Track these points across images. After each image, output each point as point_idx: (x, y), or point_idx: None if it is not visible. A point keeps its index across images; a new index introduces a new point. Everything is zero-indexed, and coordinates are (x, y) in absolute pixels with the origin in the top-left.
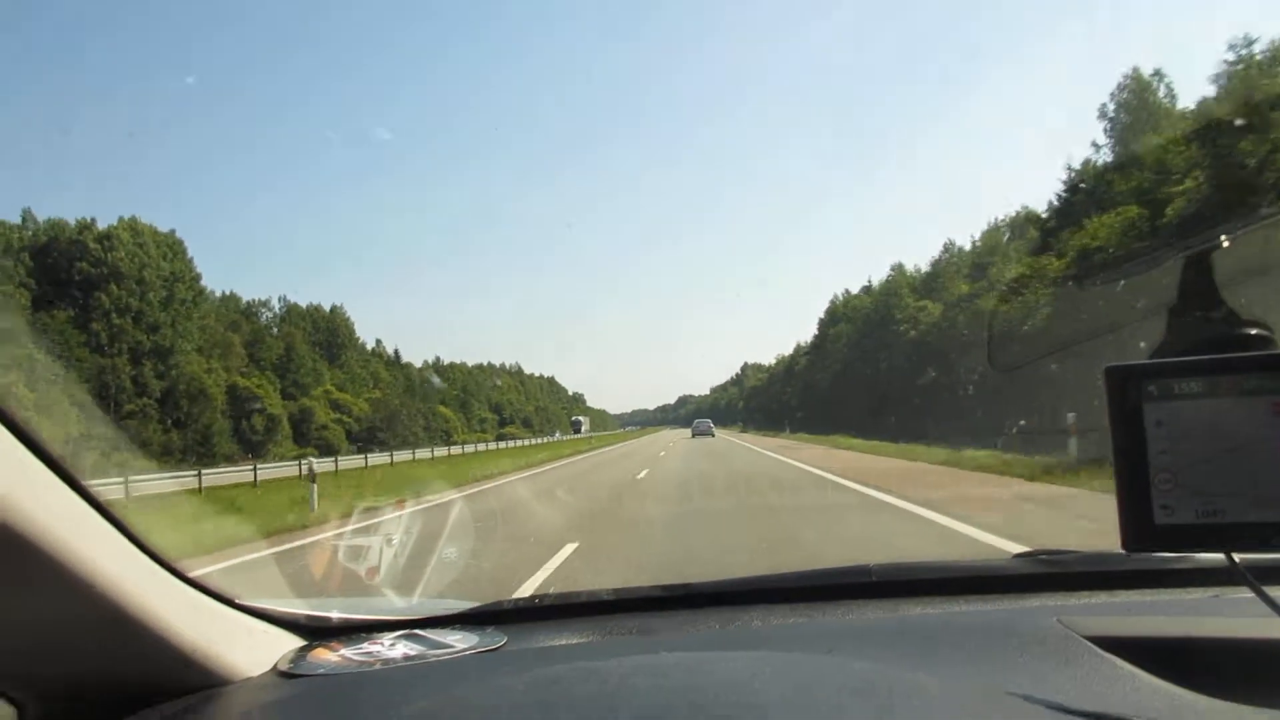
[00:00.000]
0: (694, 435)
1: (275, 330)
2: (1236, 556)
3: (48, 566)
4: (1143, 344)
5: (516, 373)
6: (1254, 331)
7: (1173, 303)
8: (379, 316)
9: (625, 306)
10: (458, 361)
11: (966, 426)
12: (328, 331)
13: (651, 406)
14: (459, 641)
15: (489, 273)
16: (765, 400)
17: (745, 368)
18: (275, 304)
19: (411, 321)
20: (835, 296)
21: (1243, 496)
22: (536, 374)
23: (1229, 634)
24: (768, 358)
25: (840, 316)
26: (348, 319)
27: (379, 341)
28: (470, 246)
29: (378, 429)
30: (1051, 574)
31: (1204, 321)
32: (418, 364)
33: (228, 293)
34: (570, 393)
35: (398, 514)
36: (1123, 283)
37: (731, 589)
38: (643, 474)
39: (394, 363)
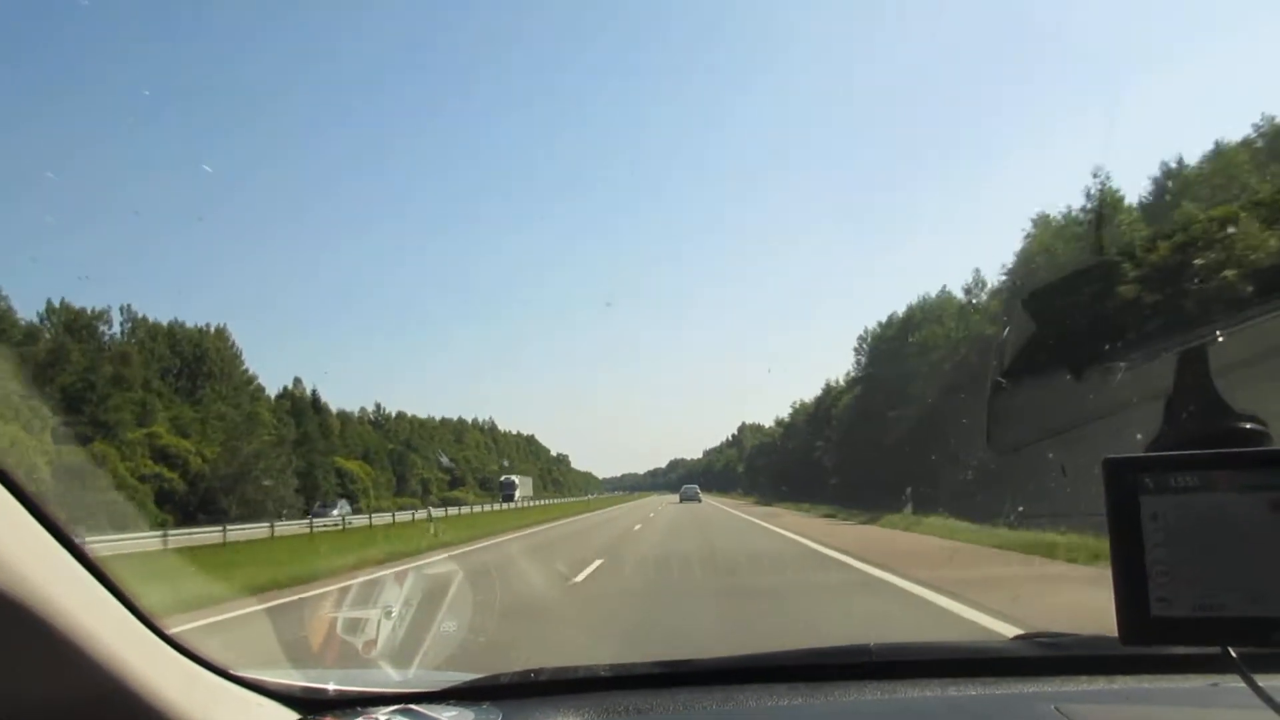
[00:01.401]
0: (681, 500)
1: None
2: (1232, 650)
3: (41, 633)
4: (1139, 435)
5: (489, 429)
6: (1250, 426)
7: (1169, 395)
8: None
9: (615, 367)
10: (412, 414)
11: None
12: (192, 359)
13: (641, 470)
14: (453, 718)
15: (474, 328)
16: (777, 460)
17: (743, 428)
18: (116, 317)
19: (376, 370)
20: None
21: (1240, 591)
22: (514, 431)
23: None
24: (766, 418)
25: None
26: (231, 345)
27: (297, 381)
28: (451, 301)
29: (218, 490)
30: (1050, 658)
31: (1200, 415)
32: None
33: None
34: (553, 453)
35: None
36: (1120, 374)
37: (730, 667)
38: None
39: (299, 406)
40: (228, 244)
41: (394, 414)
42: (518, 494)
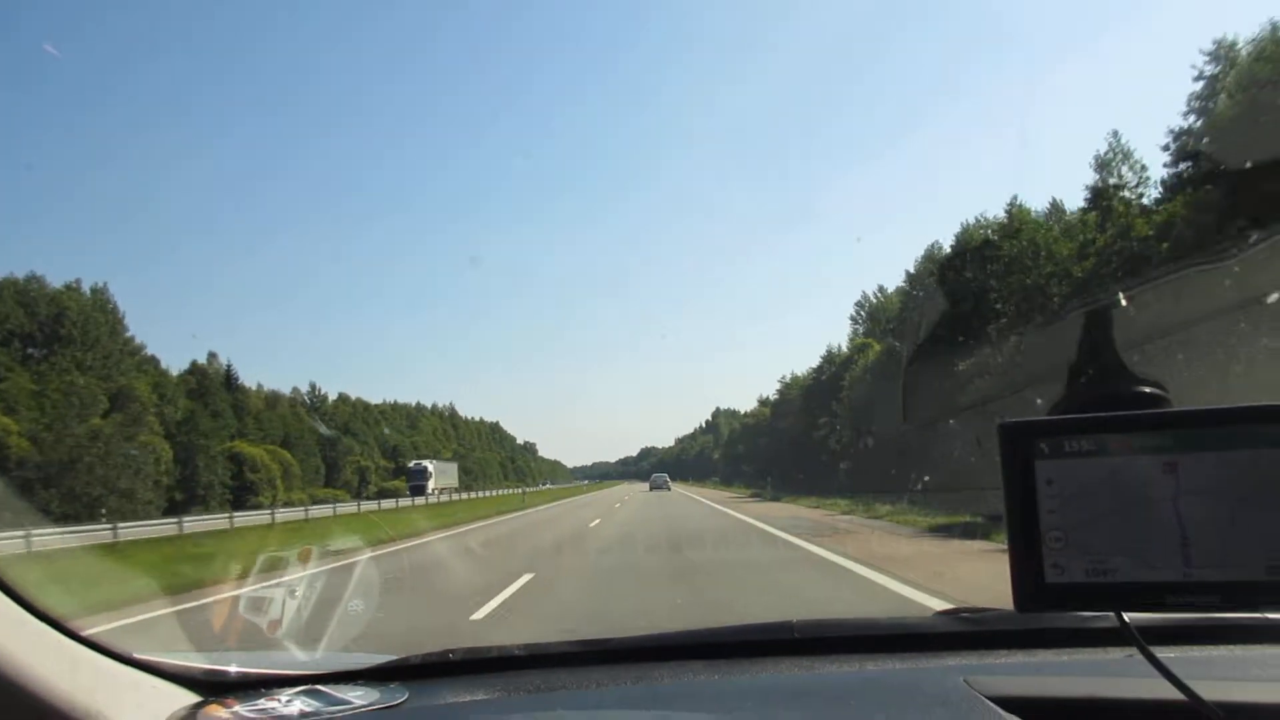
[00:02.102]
0: (651, 489)
1: None
2: (1128, 616)
3: None
4: (1039, 400)
5: (449, 415)
6: (1149, 390)
7: (1071, 361)
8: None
9: (587, 355)
10: (357, 396)
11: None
12: (50, 321)
13: (612, 459)
14: (359, 698)
15: (438, 313)
16: (768, 444)
17: (718, 414)
18: None
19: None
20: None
21: (1133, 556)
22: (476, 418)
23: (1120, 694)
24: (742, 405)
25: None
26: (110, 308)
27: (211, 356)
28: (407, 282)
29: (35, 481)
30: (967, 632)
31: (1099, 379)
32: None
33: None
34: (519, 441)
35: None
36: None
37: (649, 645)
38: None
39: (207, 384)
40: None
41: (333, 396)
42: (431, 484)
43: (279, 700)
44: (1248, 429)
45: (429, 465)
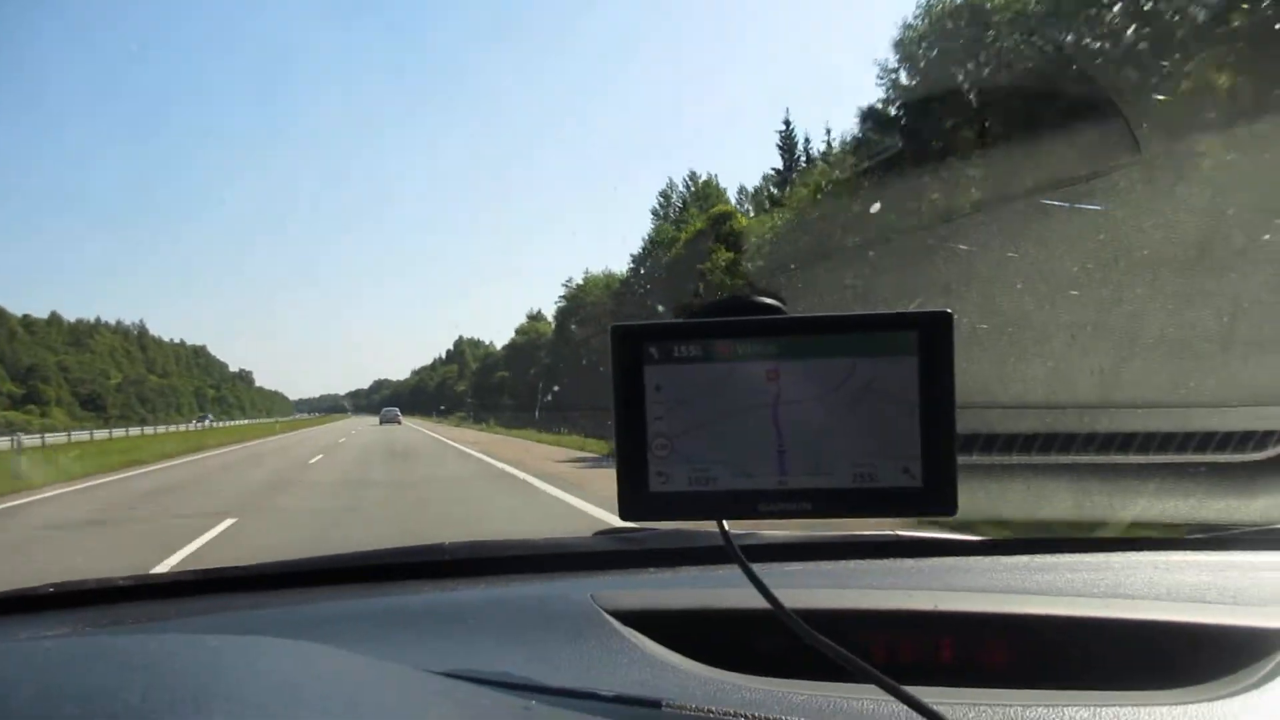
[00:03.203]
0: (381, 423)
1: None
2: (729, 525)
3: None
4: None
5: (138, 335)
6: (765, 300)
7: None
8: None
9: (315, 283)
10: None
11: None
12: None
13: (343, 391)
14: None
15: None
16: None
17: (461, 343)
18: None
19: None
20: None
21: (733, 464)
22: (178, 340)
23: (721, 605)
24: (488, 336)
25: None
26: None
27: None
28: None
29: None
30: (614, 551)
31: (729, 295)
32: None
33: None
34: (233, 369)
35: None
36: None
37: (279, 573)
38: None
39: None
40: None
41: None
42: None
43: None
44: (845, 338)
45: None
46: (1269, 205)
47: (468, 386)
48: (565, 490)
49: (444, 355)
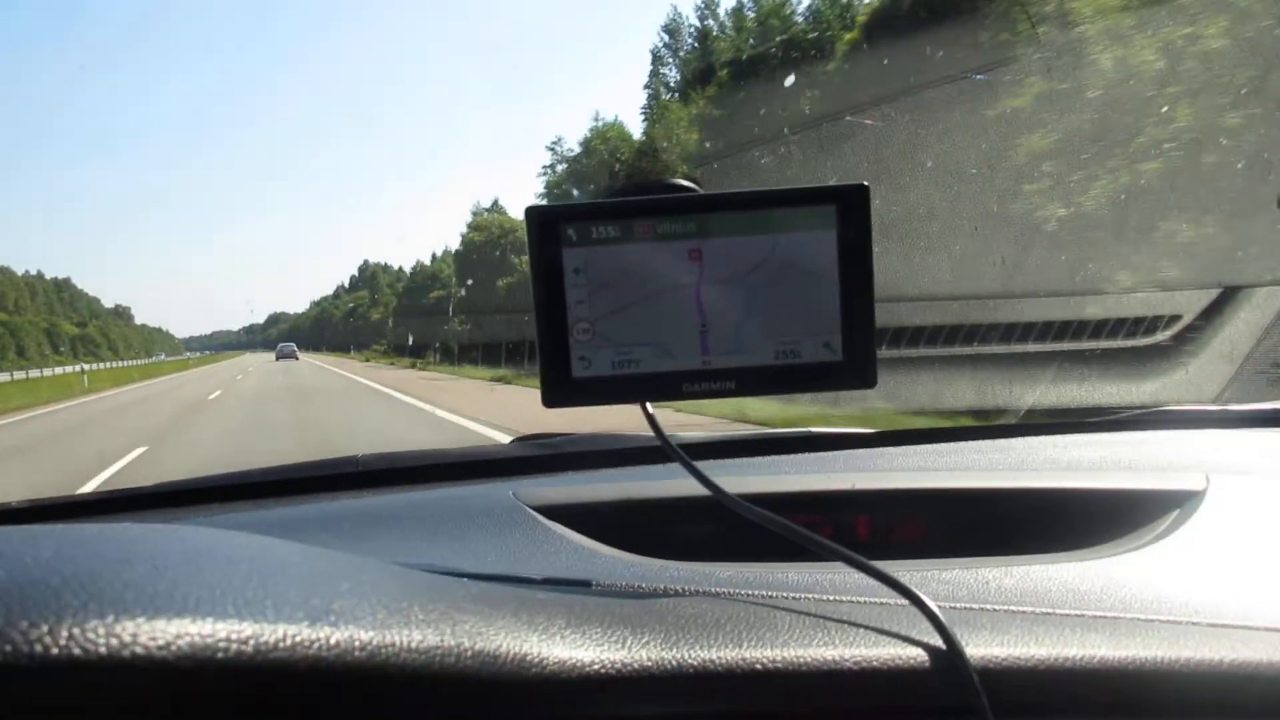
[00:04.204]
0: (278, 359)
1: None
2: (651, 407)
3: None
4: None
5: None
6: (684, 182)
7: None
8: None
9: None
10: None
11: None
12: None
13: (235, 327)
14: None
15: None
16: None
17: (368, 267)
18: None
19: None
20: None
21: (657, 346)
22: (32, 272)
23: (651, 495)
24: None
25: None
26: None
27: None
28: None
29: None
30: (533, 456)
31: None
32: None
33: None
34: (107, 305)
35: None
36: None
37: (197, 487)
38: None
39: None
40: None
41: None
42: None
43: None
44: (765, 214)
45: None
46: (1162, 93)
47: (385, 313)
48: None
49: (346, 283)
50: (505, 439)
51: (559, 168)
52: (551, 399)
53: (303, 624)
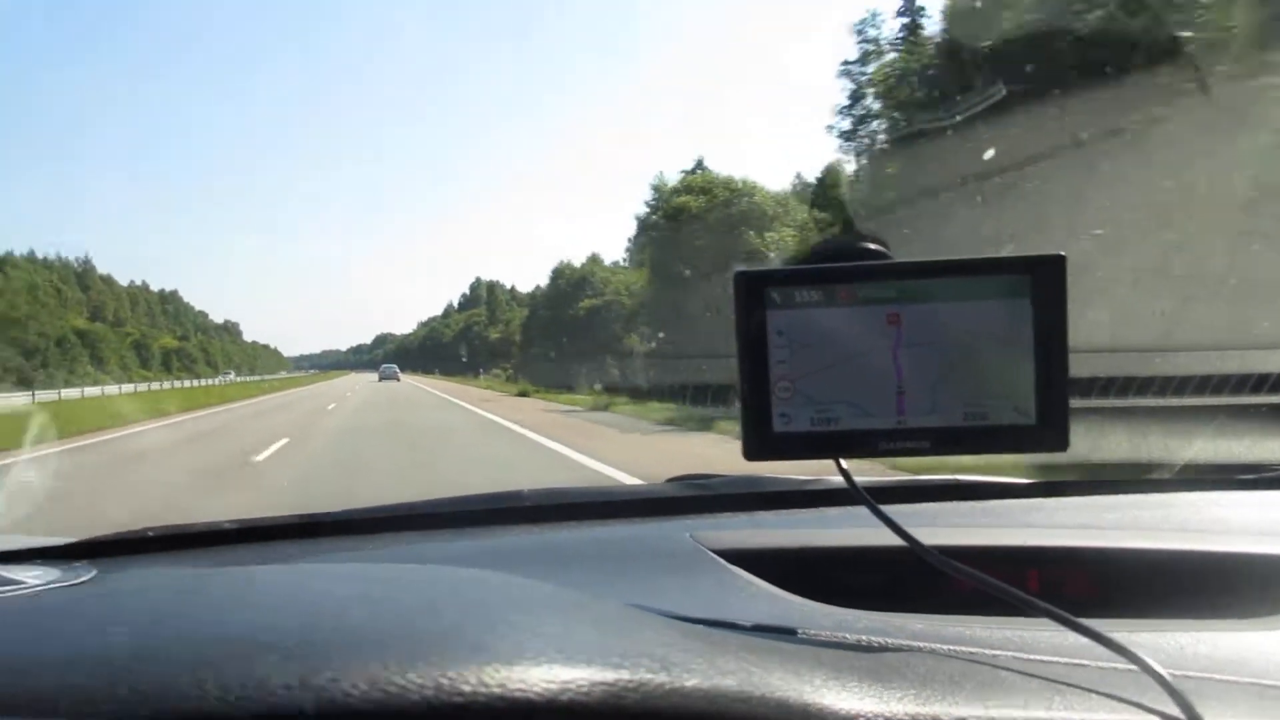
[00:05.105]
0: (380, 380)
1: None
2: (846, 463)
3: None
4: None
5: (82, 271)
6: (873, 246)
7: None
8: None
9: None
10: None
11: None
12: None
13: (344, 347)
14: (35, 577)
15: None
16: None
17: (480, 285)
18: None
19: None
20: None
21: (854, 405)
22: (138, 283)
23: (838, 544)
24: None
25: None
26: None
27: None
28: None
29: None
30: (696, 496)
31: (837, 240)
32: None
33: None
34: (217, 321)
35: None
36: None
37: (373, 517)
38: None
39: None
40: None
41: None
42: None
43: None
44: (961, 282)
45: None
46: None
47: (506, 331)
48: None
49: (456, 303)
50: None
51: None
52: (753, 452)
53: (652, 670)
